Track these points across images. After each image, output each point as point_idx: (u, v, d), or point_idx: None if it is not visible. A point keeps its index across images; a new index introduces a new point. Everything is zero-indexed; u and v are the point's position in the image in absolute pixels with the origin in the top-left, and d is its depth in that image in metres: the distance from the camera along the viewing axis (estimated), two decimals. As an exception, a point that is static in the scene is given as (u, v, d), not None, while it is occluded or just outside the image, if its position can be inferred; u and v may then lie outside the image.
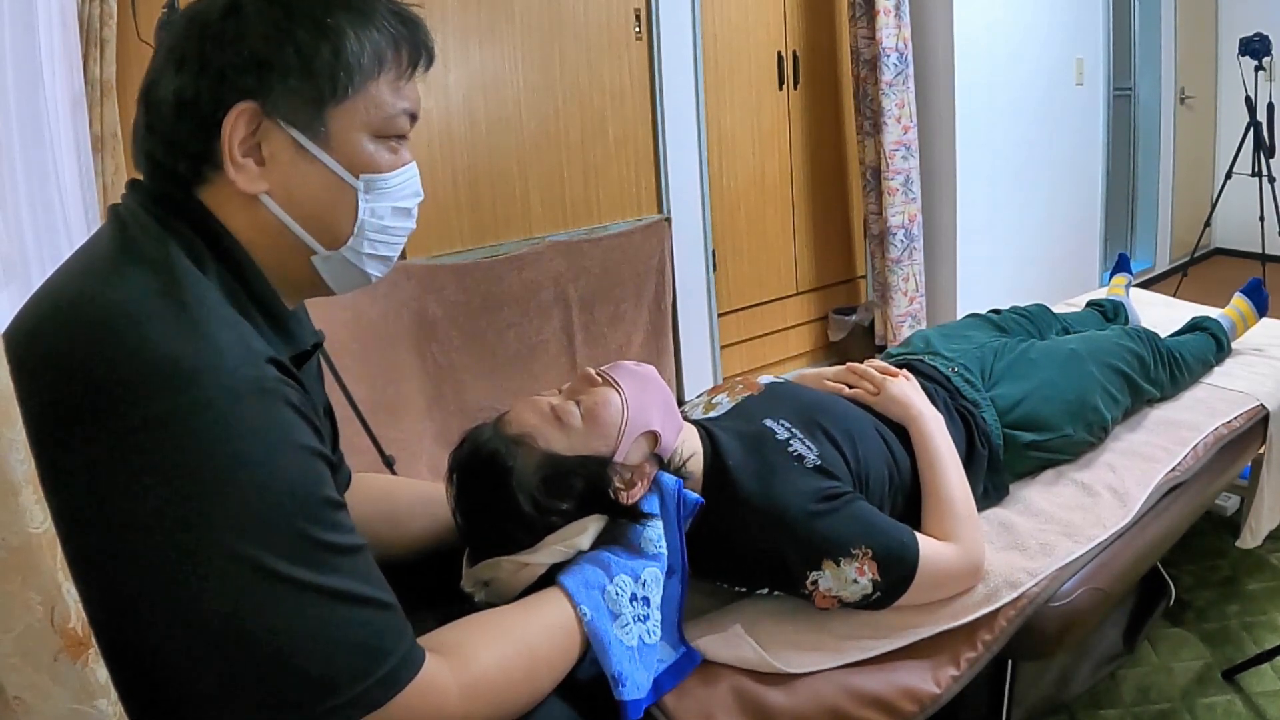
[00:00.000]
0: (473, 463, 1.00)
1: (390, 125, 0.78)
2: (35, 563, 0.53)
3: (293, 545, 0.66)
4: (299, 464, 0.67)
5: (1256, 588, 2.01)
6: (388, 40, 0.77)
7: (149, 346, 0.63)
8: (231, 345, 0.67)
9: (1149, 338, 1.78)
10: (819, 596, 1.08)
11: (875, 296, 3.64)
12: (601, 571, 0.94)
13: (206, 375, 0.64)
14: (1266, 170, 4.04)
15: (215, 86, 0.71)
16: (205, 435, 0.63)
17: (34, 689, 0.54)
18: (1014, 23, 3.64)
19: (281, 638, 0.65)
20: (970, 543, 1.17)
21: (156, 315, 0.65)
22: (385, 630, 0.71)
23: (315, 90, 0.73)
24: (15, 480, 0.52)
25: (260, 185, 0.74)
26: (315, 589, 0.66)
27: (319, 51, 0.73)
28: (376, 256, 0.81)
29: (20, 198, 1.39)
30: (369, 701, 0.69)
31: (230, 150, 0.72)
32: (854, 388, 1.38)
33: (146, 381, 0.62)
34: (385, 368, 2.55)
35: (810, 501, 1.08)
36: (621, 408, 1.03)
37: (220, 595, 0.64)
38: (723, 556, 1.11)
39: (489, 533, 0.98)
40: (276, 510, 0.65)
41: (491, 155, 2.72)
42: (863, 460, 1.20)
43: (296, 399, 0.69)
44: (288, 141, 0.74)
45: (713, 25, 3.19)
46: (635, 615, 0.93)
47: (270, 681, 0.65)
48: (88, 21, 1.76)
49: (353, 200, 0.77)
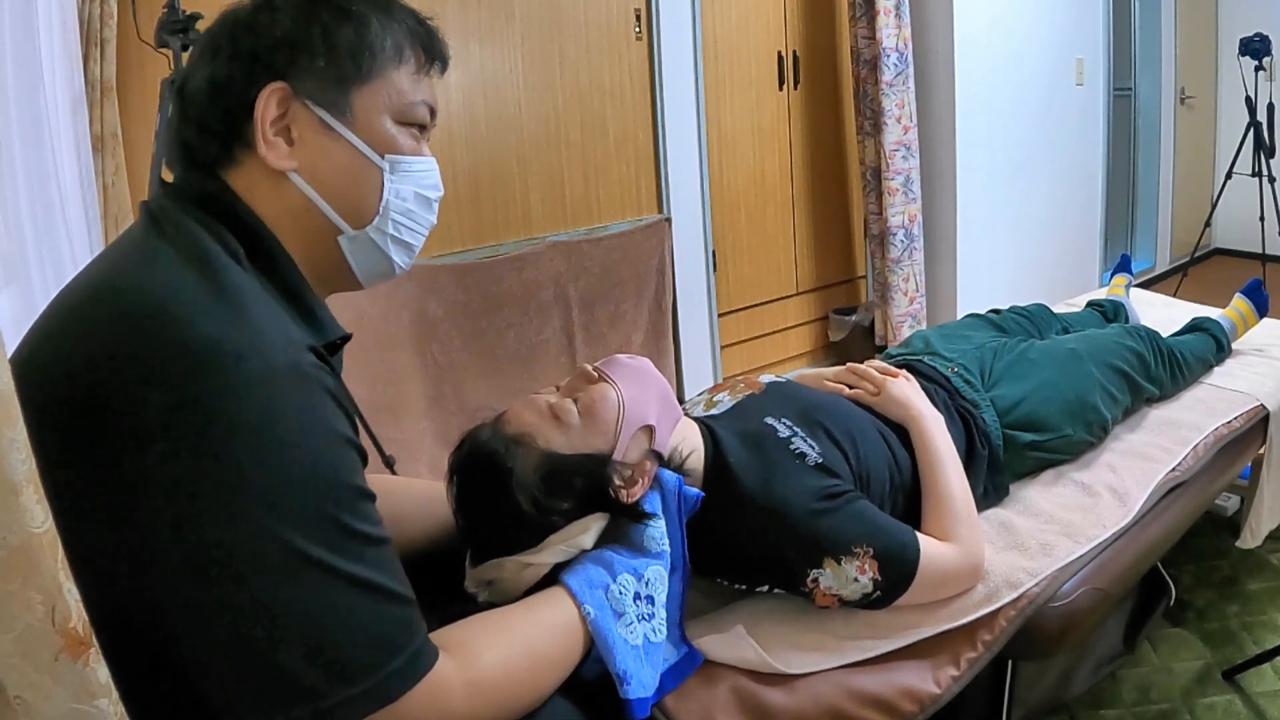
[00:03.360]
0: (472, 464, 0.99)
1: (410, 112, 0.83)
2: (36, 562, 0.53)
3: (324, 530, 0.67)
4: (334, 451, 0.69)
5: (1256, 588, 2.01)
6: (407, 35, 0.82)
7: (193, 330, 0.65)
8: (272, 330, 0.69)
9: (1149, 336, 1.78)
10: (819, 595, 1.08)
11: (875, 296, 3.64)
12: (604, 570, 0.93)
13: (249, 358, 0.65)
14: (1266, 170, 4.04)
15: (248, 69, 0.76)
16: (247, 415, 0.64)
17: (34, 689, 0.54)
18: (1014, 23, 3.63)
19: (304, 621, 0.66)
20: (970, 543, 1.17)
21: (198, 301, 0.67)
22: (404, 624, 0.72)
23: (340, 70, 0.78)
24: (15, 480, 0.52)
25: (290, 163, 0.77)
26: (343, 576, 0.67)
27: (343, 33, 0.78)
28: (400, 241, 0.85)
29: (20, 198, 1.39)
30: (383, 695, 0.69)
31: (263, 128, 0.76)
32: (854, 388, 1.38)
33: (191, 361, 0.64)
34: (385, 368, 2.55)
35: (812, 500, 1.08)
36: (618, 403, 1.03)
37: (250, 573, 0.64)
38: (724, 553, 1.11)
39: (491, 533, 0.98)
40: (310, 494, 0.66)
41: (491, 155, 2.72)
42: (864, 460, 1.20)
43: (333, 387, 0.71)
44: (315, 121, 0.78)
45: (713, 25, 3.19)
46: (639, 614, 0.92)
47: (287, 667, 0.65)
48: (88, 21, 1.76)
49: (378, 179, 0.81)
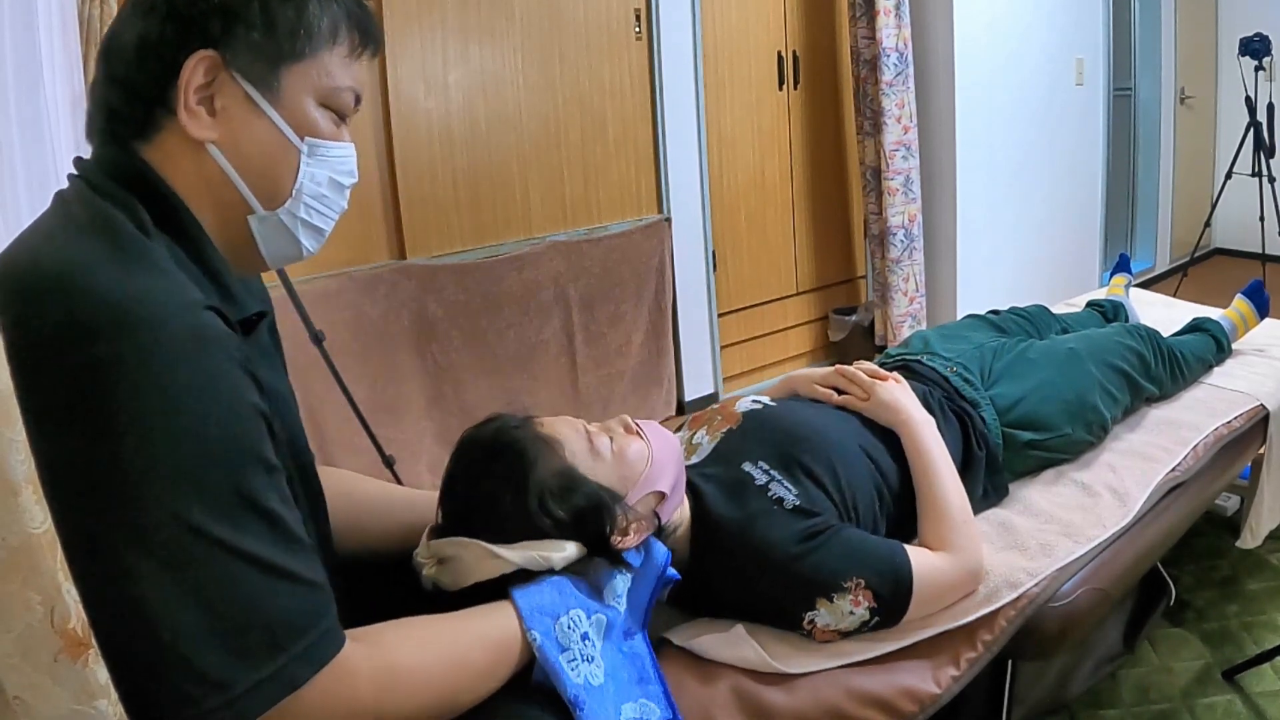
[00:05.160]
0: (497, 443, 0.99)
1: (336, 97, 0.81)
2: (35, 563, 0.53)
3: (223, 502, 0.65)
4: (238, 420, 0.68)
5: (1256, 588, 2.01)
6: (344, 16, 0.81)
7: (93, 294, 0.65)
8: (171, 293, 0.68)
9: (1149, 335, 1.77)
10: (819, 632, 1.08)
11: (875, 296, 3.64)
12: (559, 599, 0.92)
13: (148, 322, 0.65)
14: (1266, 170, 4.03)
15: (180, 30, 0.74)
16: (143, 382, 0.63)
17: (34, 689, 0.54)
18: (1014, 23, 3.64)
19: (206, 606, 0.64)
20: (966, 549, 1.16)
21: (100, 268, 0.67)
22: (309, 607, 0.70)
23: (274, 47, 0.76)
24: (15, 480, 0.52)
25: (210, 134, 0.76)
26: (243, 555, 0.66)
27: (283, 9, 0.76)
28: (311, 225, 0.83)
29: (20, 198, 1.39)
30: (290, 679, 0.67)
31: (186, 95, 0.74)
32: (843, 393, 1.37)
33: (90, 326, 0.63)
34: (385, 368, 2.55)
35: (793, 544, 1.08)
36: (647, 459, 1.05)
37: (147, 556, 0.63)
38: (721, 600, 1.13)
39: (473, 512, 0.97)
40: (211, 466, 0.65)
41: (491, 155, 2.72)
42: (846, 488, 1.18)
43: (240, 352, 0.70)
44: (240, 95, 0.76)
45: (713, 25, 3.19)
46: (583, 654, 0.90)
47: (194, 660, 0.64)
48: (88, 21, 1.76)
49: (295, 161, 0.80)
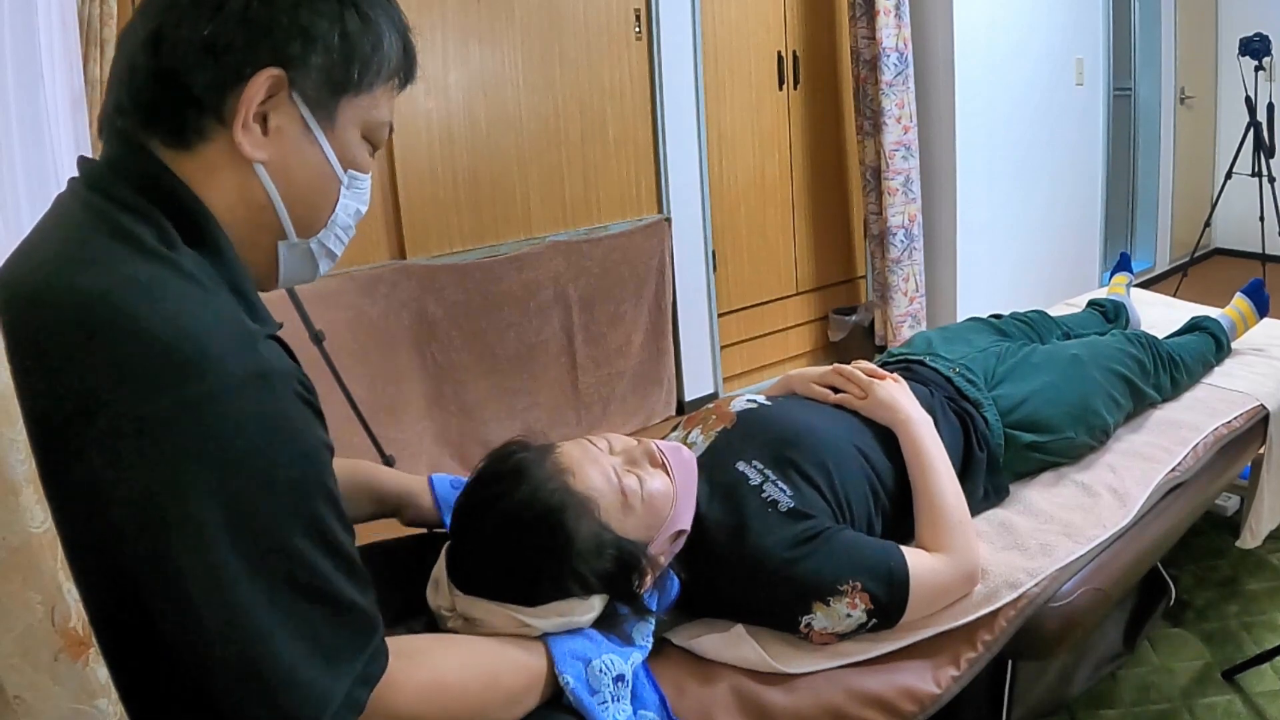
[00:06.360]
0: (526, 508, 0.93)
1: (377, 131, 0.80)
2: (35, 563, 0.53)
3: (290, 545, 0.65)
4: (304, 459, 0.66)
5: (1256, 588, 2.01)
6: (400, 50, 0.79)
7: (141, 336, 0.61)
8: (223, 322, 0.65)
9: (1149, 342, 1.78)
10: (815, 635, 1.08)
11: (875, 296, 3.64)
12: (591, 645, 0.93)
13: (204, 366, 0.61)
14: (1266, 170, 4.03)
15: (255, 41, 0.70)
16: (210, 430, 0.61)
17: (34, 689, 0.54)
18: (1014, 23, 3.64)
19: (272, 636, 0.64)
20: (963, 550, 1.16)
21: (141, 297, 0.63)
22: (365, 628, 0.71)
23: (343, 76, 0.74)
24: (15, 480, 0.52)
25: (262, 154, 0.72)
26: (313, 591, 0.66)
27: (362, 42, 0.74)
28: (331, 254, 0.82)
29: (20, 198, 1.39)
30: (354, 703, 0.68)
31: (247, 110, 0.70)
32: (841, 391, 1.36)
33: (141, 375, 0.61)
34: (385, 368, 2.55)
35: (786, 548, 1.07)
36: (671, 500, 1.03)
37: (219, 594, 0.62)
38: (719, 603, 1.12)
39: (498, 579, 0.94)
40: (275, 507, 0.64)
41: (491, 155, 2.72)
42: (840, 488, 1.17)
43: (298, 385, 0.68)
44: (297, 118, 0.73)
45: (713, 25, 3.19)
46: (614, 694, 0.91)
47: (289, 677, 0.65)
48: (88, 21, 1.76)
49: (336, 193, 0.78)
